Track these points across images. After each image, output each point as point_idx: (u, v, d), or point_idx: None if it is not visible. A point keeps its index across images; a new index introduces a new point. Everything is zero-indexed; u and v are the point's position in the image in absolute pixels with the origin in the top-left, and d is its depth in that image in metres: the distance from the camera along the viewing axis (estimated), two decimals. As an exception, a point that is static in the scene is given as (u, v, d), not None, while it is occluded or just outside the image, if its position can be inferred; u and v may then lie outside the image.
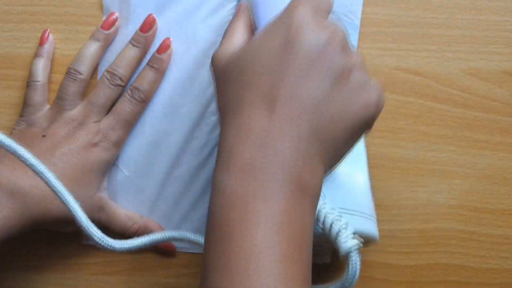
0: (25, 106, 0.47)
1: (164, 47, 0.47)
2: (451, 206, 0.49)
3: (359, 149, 0.43)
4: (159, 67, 0.47)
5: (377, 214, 0.48)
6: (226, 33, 0.39)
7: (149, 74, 0.47)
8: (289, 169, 0.32)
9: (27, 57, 0.48)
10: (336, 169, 0.37)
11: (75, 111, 0.46)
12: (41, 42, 0.47)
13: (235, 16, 0.41)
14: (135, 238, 0.43)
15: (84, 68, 0.46)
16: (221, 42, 0.39)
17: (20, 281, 0.49)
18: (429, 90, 0.48)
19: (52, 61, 0.48)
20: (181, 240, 0.45)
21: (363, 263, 0.48)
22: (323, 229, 0.38)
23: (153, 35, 0.47)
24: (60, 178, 0.42)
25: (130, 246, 0.42)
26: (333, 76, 0.33)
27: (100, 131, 0.45)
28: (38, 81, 0.47)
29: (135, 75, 0.47)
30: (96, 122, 0.45)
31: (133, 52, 0.47)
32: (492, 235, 0.49)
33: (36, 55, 0.47)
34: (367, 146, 0.47)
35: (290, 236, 0.31)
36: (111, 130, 0.45)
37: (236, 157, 0.33)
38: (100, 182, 0.46)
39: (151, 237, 0.43)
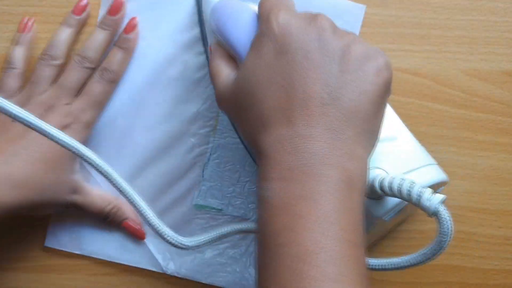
0: None
1: (131, 26, 0.47)
2: (451, 206, 0.48)
3: (390, 116, 0.43)
4: (127, 47, 0.47)
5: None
6: (212, 75, 0.39)
7: (117, 55, 0.47)
8: (329, 164, 0.32)
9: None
10: (376, 146, 0.36)
11: (46, 95, 0.45)
12: (22, 29, 0.47)
13: (211, 57, 0.41)
14: (203, 234, 0.42)
15: (57, 53, 0.46)
16: (214, 85, 0.39)
17: (20, 282, 0.49)
18: (429, 91, 0.48)
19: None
20: (247, 231, 0.44)
21: (363, 264, 0.49)
22: (402, 198, 0.37)
23: (122, 18, 0.47)
24: (33, 161, 0.42)
25: (200, 242, 0.41)
26: (336, 60, 0.33)
27: (71, 113, 0.45)
28: (14, 68, 0.47)
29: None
30: (67, 104, 0.45)
31: (102, 36, 0.47)
32: (492, 236, 0.49)
33: (17, 42, 0.47)
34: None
35: (341, 233, 0.31)
36: (81, 111, 0.46)
37: (274, 167, 0.32)
38: (73, 165, 0.46)
39: (219, 231, 0.43)
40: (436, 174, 0.41)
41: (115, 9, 0.47)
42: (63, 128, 0.45)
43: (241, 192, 0.48)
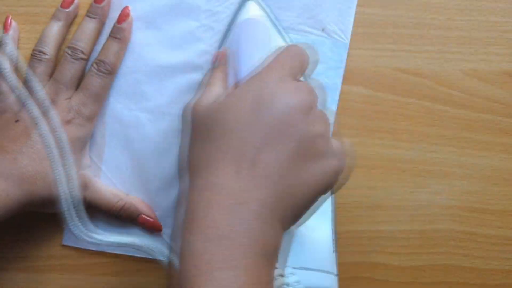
0: None
1: (124, 15, 0.47)
2: (451, 207, 0.49)
3: (325, 206, 0.45)
4: (122, 37, 0.47)
5: (377, 215, 0.49)
6: (207, 83, 0.41)
7: (113, 45, 0.47)
8: (253, 236, 0.33)
9: (27, 57, 0.48)
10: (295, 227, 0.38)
11: (44, 92, 0.45)
12: (5, 30, 0.47)
13: (216, 66, 0.43)
14: (115, 235, 0.44)
15: (48, 48, 0.46)
16: (201, 93, 0.40)
17: (21, 282, 0.49)
18: (429, 91, 0.48)
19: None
20: (153, 251, 0.46)
21: (363, 263, 0.49)
22: None
23: (108, 5, 0.47)
24: (39, 158, 0.43)
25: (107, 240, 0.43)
26: (296, 144, 0.35)
27: (72, 108, 0.45)
28: (5, 69, 0.46)
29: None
30: (67, 99, 0.45)
31: (90, 25, 0.47)
32: (492, 236, 0.49)
33: (2, 43, 0.47)
34: (368, 147, 0.48)
35: None
36: (82, 105, 0.45)
37: (202, 220, 0.33)
38: (80, 160, 0.46)
39: (128, 239, 0.44)
40: (328, 283, 0.43)
41: None
42: (66, 123, 0.45)
43: None
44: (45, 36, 0.47)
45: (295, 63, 0.38)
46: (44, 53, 0.46)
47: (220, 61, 0.44)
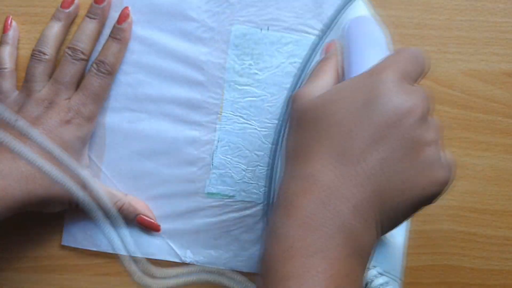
0: None
1: (124, 16, 0.47)
2: (451, 207, 0.49)
3: None
4: (122, 37, 0.47)
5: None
6: (315, 72, 0.40)
7: (113, 46, 0.47)
8: (348, 231, 0.32)
9: (27, 57, 0.48)
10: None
11: (44, 91, 0.46)
12: (5, 29, 0.48)
13: (326, 57, 0.42)
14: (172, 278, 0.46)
15: (48, 48, 0.46)
16: (308, 81, 0.39)
17: (21, 282, 0.49)
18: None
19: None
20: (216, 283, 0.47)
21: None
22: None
23: (109, 6, 0.48)
24: (38, 158, 0.43)
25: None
26: (407, 146, 0.33)
27: (72, 108, 0.45)
28: (5, 68, 0.47)
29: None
30: (66, 99, 0.45)
31: (91, 25, 0.47)
32: (492, 237, 0.49)
33: (1, 42, 0.48)
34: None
35: None
36: (82, 106, 0.46)
37: (298, 208, 0.33)
38: (80, 160, 0.46)
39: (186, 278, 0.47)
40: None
41: None
42: (66, 123, 0.45)
43: (252, 177, 0.48)
44: (45, 36, 0.47)
45: (414, 66, 0.36)
46: (44, 53, 0.46)
47: (331, 52, 0.43)
